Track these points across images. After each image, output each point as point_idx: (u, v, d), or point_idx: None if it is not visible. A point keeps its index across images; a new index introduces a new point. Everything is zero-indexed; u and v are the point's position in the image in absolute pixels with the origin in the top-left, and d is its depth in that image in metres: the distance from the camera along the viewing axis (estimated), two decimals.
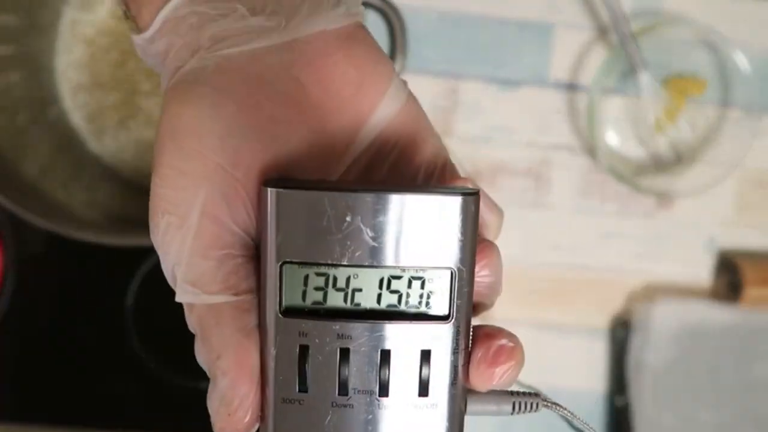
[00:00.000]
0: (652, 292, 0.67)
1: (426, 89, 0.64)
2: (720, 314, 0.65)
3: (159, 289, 0.62)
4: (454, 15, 0.65)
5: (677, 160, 0.67)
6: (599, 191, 0.67)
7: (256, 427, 0.26)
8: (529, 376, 0.69)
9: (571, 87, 0.66)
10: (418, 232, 0.24)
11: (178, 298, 0.26)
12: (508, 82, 0.65)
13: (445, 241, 0.24)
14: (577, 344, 0.66)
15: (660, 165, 0.67)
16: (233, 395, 0.25)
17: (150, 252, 0.62)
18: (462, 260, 0.25)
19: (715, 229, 0.67)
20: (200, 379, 0.61)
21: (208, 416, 0.27)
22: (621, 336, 0.66)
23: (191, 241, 0.25)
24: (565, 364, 0.67)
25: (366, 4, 0.55)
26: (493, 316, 0.66)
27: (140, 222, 0.60)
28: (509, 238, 0.67)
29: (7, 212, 0.54)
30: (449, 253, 0.24)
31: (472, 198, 0.25)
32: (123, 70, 0.64)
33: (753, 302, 0.64)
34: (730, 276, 0.65)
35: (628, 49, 0.62)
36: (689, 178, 0.65)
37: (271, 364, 0.25)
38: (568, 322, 0.67)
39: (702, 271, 0.67)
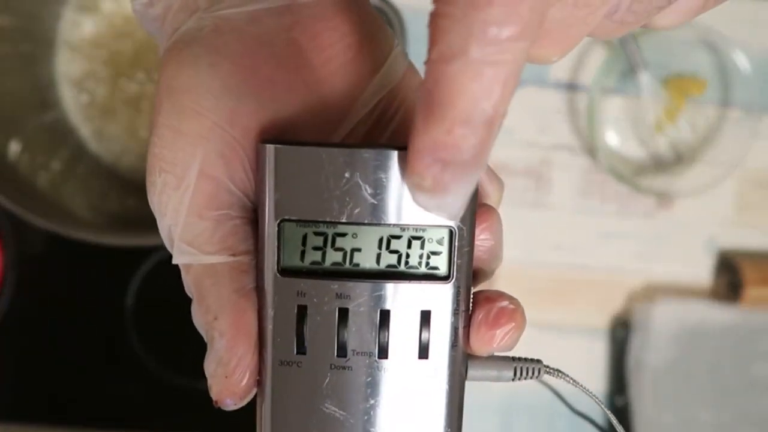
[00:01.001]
0: (652, 292, 0.67)
1: None
2: (720, 314, 0.65)
3: (159, 289, 0.62)
4: None
5: (677, 160, 0.67)
6: (599, 191, 0.67)
7: (254, 392, 0.25)
8: None
9: (571, 87, 0.66)
10: None
11: (174, 260, 0.25)
12: None
13: None
14: (577, 344, 0.66)
15: (660, 165, 0.67)
16: (230, 356, 0.24)
17: (150, 252, 0.62)
18: (462, 219, 0.24)
19: (715, 229, 0.67)
20: (200, 379, 0.61)
21: (208, 416, 0.26)
22: (621, 336, 0.66)
23: (188, 201, 0.24)
24: (565, 364, 0.66)
25: None
26: None
27: (140, 222, 0.60)
28: (509, 239, 0.67)
29: (7, 212, 0.54)
30: None
31: None
32: (123, 71, 0.64)
33: (753, 302, 0.64)
34: (730, 276, 0.65)
35: (628, 49, 0.62)
36: (689, 178, 0.65)
37: (268, 325, 0.24)
38: (568, 322, 0.67)
39: (702, 271, 0.67)
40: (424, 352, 0.24)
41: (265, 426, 0.25)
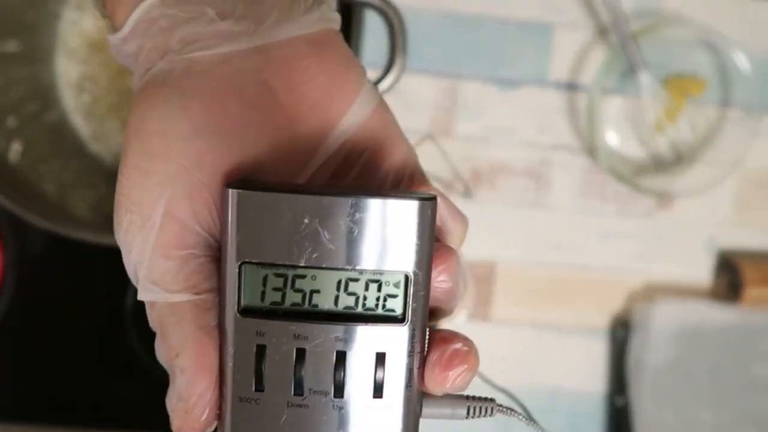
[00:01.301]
0: (652, 292, 0.67)
1: (426, 89, 0.64)
2: (720, 314, 0.65)
3: None
4: (454, 15, 0.65)
5: (677, 160, 0.67)
6: (599, 191, 0.67)
7: (214, 426, 0.26)
8: (530, 376, 0.69)
9: (571, 87, 0.66)
10: (374, 235, 0.24)
11: (139, 296, 0.26)
12: (508, 82, 0.65)
13: (401, 245, 0.25)
14: (577, 344, 0.66)
15: (660, 165, 0.67)
16: (191, 393, 0.25)
17: None
18: (418, 264, 0.25)
19: (715, 229, 0.67)
20: None
21: None
22: (621, 336, 0.66)
23: (153, 241, 0.25)
24: (565, 364, 0.67)
25: (366, 4, 0.55)
26: (493, 316, 0.66)
27: None
28: (509, 238, 0.67)
29: (7, 212, 0.54)
30: (405, 257, 0.25)
31: (429, 203, 0.25)
32: (123, 71, 0.64)
33: (753, 302, 0.64)
34: (730, 276, 0.65)
35: (628, 49, 0.62)
36: (689, 178, 0.65)
37: (229, 363, 0.25)
38: (568, 322, 0.67)
39: (702, 271, 0.67)
40: (378, 391, 0.25)
41: None
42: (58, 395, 0.64)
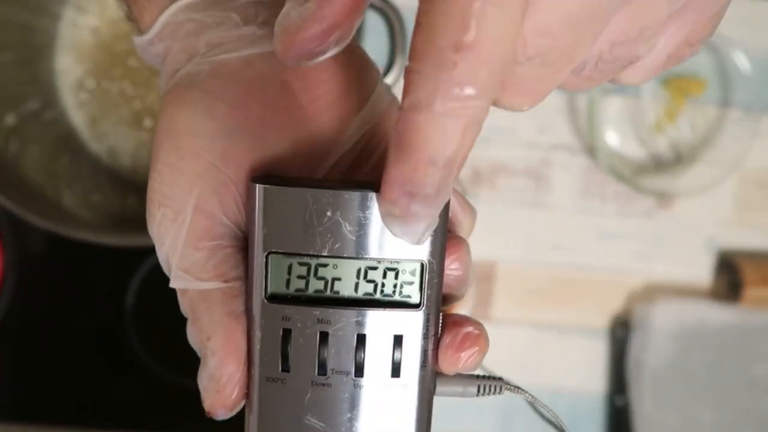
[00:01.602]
0: (652, 292, 0.67)
1: None
2: (720, 314, 0.65)
3: (159, 289, 0.62)
4: None
5: (677, 160, 0.67)
6: (599, 191, 0.67)
7: (242, 404, 0.27)
8: (530, 376, 0.69)
9: None
10: None
11: (172, 284, 0.28)
12: None
13: None
14: (577, 344, 0.66)
15: (660, 165, 0.67)
16: (222, 373, 0.27)
17: (150, 252, 0.62)
18: (432, 253, 0.27)
19: (715, 229, 0.67)
20: None
21: (208, 417, 0.27)
22: (621, 336, 0.66)
23: (185, 233, 0.27)
24: (565, 364, 0.67)
25: None
26: (493, 316, 0.66)
27: (140, 222, 0.60)
28: (509, 238, 0.67)
29: (7, 212, 0.54)
30: (421, 246, 0.26)
31: None
32: (123, 71, 0.64)
33: (753, 302, 0.64)
34: (730, 276, 0.65)
35: None
36: (689, 178, 0.65)
37: (256, 345, 0.27)
38: (568, 322, 0.67)
39: (702, 271, 0.67)
40: (396, 371, 0.27)
41: None
42: (58, 395, 0.64)
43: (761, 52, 0.66)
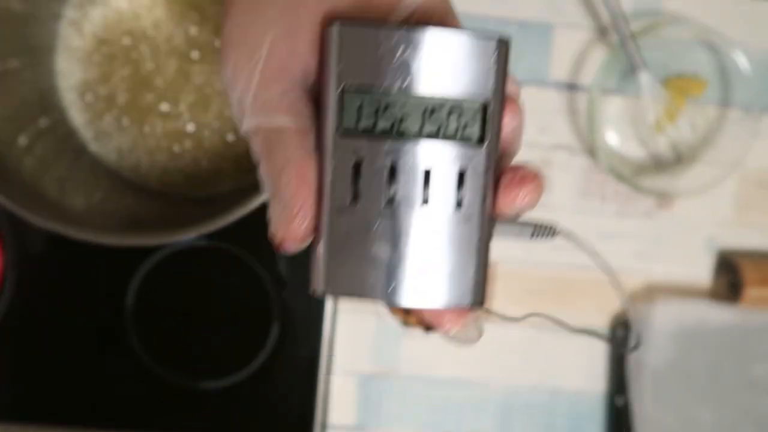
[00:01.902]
0: (652, 292, 0.67)
1: None
2: (720, 314, 0.65)
3: (159, 289, 0.62)
4: None
5: (677, 160, 0.67)
6: (599, 191, 0.67)
7: (311, 238, 0.29)
8: (529, 376, 0.69)
9: (571, 87, 0.66)
10: (458, 67, 0.28)
11: (245, 126, 0.29)
12: None
13: (480, 78, 0.28)
14: (577, 344, 0.66)
15: (660, 165, 0.67)
16: (294, 202, 0.28)
17: (150, 252, 0.62)
18: (494, 95, 0.28)
19: (715, 229, 0.67)
20: (200, 379, 0.61)
21: (208, 416, 0.27)
22: (621, 336, 0.66)
23: (259, 72, 0.29)
24: (565, 364, 0.67)
25: None
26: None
27: (140, 222, 0.60)
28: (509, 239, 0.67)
29: (7, 212, 0.54)
30: (484, 87, 0.28)
31: (505, 43, 0.29)
32: (123, 71, 0.64)
33: (753, 302, 0.64)
34: (730, 276, 0.65)
35: (628, 49, 0.62)
36: (689, 178, 0.65)
37: (328, 178, 0.28)
38: (568, 322, 0.66)
39: (702, 271, 0.67)
40: (459, 203, 0.29)
41: (320, 263, 0.29)
42: (58, 395, 0.64)
43: (761, 52, 0.66)
